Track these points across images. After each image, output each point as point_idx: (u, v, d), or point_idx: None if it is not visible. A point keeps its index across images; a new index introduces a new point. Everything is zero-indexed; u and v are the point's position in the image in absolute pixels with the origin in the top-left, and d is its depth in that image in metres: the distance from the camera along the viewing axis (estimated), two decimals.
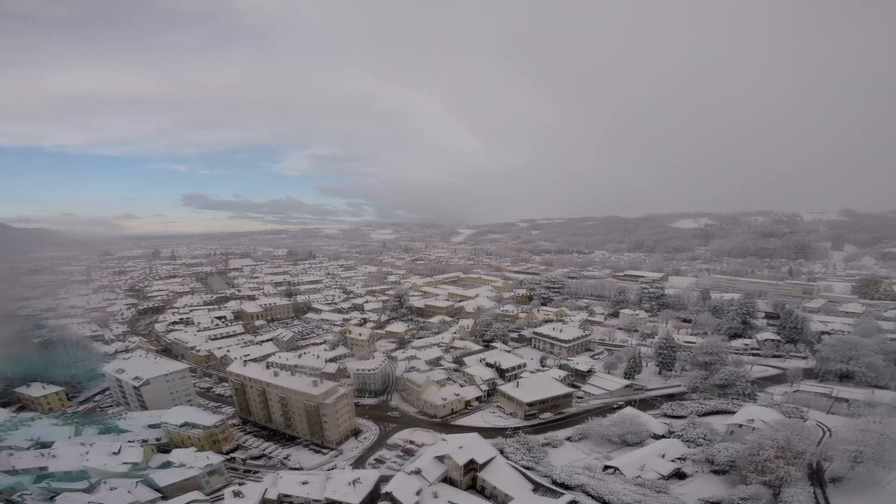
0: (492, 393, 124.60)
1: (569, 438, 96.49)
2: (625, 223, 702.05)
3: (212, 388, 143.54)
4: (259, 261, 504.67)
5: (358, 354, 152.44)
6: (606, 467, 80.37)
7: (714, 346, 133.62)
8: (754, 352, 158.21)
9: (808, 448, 66.85)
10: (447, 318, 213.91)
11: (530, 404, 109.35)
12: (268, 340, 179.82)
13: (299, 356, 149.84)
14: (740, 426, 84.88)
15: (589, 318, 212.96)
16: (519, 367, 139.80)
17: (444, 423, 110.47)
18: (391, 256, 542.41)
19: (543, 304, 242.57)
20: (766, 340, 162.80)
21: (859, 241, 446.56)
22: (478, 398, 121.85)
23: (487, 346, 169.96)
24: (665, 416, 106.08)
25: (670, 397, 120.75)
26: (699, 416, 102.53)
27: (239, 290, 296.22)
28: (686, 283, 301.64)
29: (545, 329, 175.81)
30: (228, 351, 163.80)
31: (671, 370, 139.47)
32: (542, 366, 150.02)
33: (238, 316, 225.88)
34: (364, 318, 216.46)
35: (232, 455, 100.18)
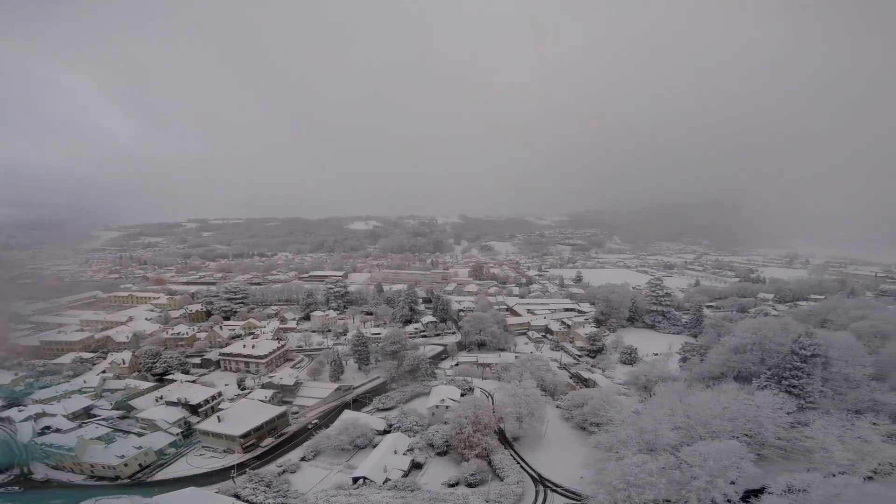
0: (189, 434, 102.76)
1: (304, 458, 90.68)
2: (307, 224, 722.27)
3: None
4: None
5: None
6: (355, 479, 79.44)
7: (396, 335, 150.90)
8: (423, 334, 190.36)
9: (490, 419, 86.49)
10: (86, 355, 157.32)
11: (245, 435, 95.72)
12: None
13: None
14: (437, 407, 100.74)
15: (282, 326, 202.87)
16: (214, 397, 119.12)
17: (138, 483, 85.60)
18: None
19: (226, 319, 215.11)
20: (428, 323, 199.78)
21: (470, 238, 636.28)
22: (172, 444, 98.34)
23: (162, 380, 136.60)
24: (378, 410, 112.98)
25: (376, 391, 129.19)
26: (404, 403, 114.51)
27: None
28: (363, 279, 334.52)
29: (235, 347, 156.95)
30: None
31: (368, 364, 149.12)
32: (242, 389, 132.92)
33: None
34: None
35: None
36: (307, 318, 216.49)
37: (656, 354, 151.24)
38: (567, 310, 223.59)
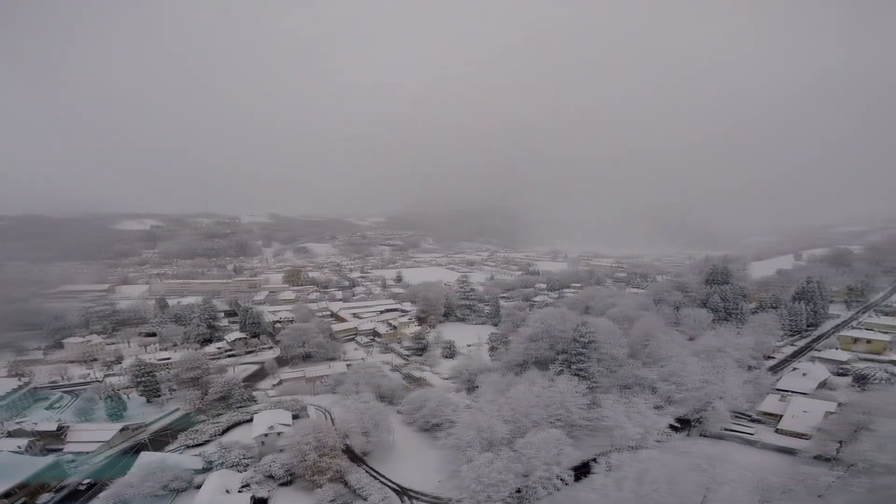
0: None
1: None
2: (51, 224, 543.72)
3: None
4: None
5: None
6: None
7: (193, 359, 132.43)
8: (230, 353, 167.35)
9: (334, 438, 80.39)
10: None
11: (7, 494, 76.12)
12: None
13: None
14: (267, 435, 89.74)
15: (20, 359, 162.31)
16: None
17: None
18: None
19: None
20: (235, 340, 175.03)
21: (283, 239, 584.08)
22: None
23: None
24: (187, 447, 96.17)
25: (179, 425, 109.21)
26: (220, 435, 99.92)
27: None
28: (139, 293, 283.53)
29: None
30: None
31: (160, 396, 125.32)
32: None
33: None
34: None
35: None
36: (59, 346, 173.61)
37: (470, 346, 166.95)
38: (391, 310, 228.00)
